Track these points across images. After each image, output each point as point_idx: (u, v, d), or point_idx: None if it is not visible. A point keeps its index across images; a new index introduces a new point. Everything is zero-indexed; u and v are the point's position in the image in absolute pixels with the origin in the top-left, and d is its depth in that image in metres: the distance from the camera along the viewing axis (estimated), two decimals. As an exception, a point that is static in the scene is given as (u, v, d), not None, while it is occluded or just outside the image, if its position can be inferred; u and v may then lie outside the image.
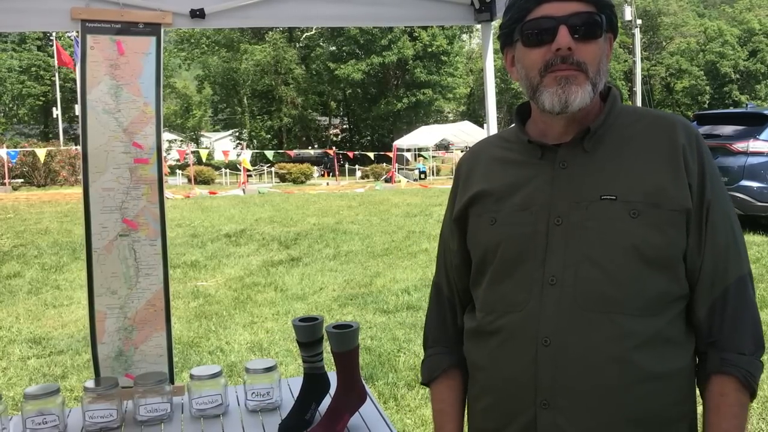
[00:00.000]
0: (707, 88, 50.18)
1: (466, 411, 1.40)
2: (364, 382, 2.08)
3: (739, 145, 9.65)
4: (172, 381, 2.25)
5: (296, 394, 2.08)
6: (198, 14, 2.23)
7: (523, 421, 1.18)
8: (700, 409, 1.23)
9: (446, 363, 1.38)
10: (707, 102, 49.12)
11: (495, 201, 1.26)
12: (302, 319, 2.05)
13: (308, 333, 2.02)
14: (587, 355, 1.14)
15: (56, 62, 32.98)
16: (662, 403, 1.16)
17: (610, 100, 1.26)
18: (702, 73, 50.08)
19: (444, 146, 38.57)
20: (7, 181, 23.76)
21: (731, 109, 19.29)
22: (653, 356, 1.15)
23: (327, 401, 2.06)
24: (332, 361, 2.00)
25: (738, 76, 50.49)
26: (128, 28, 2.18)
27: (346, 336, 1.94)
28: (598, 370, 1.13)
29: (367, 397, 2.06)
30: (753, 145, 9.52)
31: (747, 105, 13.47)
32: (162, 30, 2.21)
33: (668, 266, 1.17)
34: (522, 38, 1.21)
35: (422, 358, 1.46)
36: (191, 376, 2.11)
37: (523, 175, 1.25)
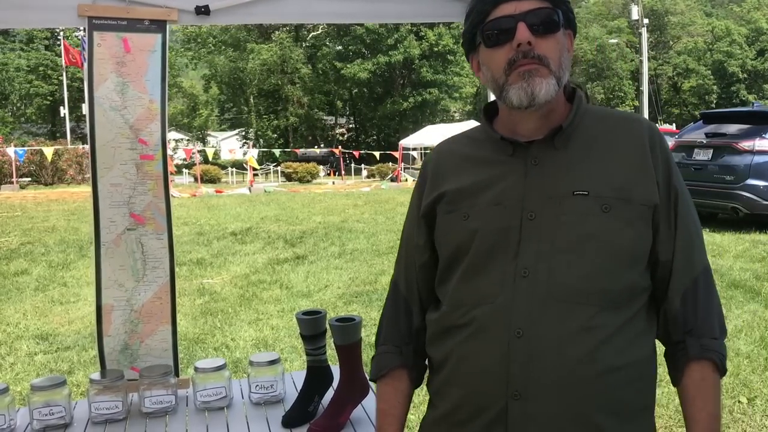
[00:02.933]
0: (714, 87, 49.97)
1: (424, 408, 1.40)
2: (366, 375, 2.10)
3: (746, 144, 9.62)
4: (177, 374, 2.28)
5: (300, 387, 2.10)
6: (203, 11, 2.25)
7: (493, 412, 1.19)
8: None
9: (394, 362, 1.39)
10: (714, 101, 48.92)
11: (468, 197, 1.28)
12: (306, 313, 2.07)
13: (311, 326, 2.04)
14: (559, 346, 1.16)
15: (64, 62, 33.10)
16: (629, 392, 1.20)
17: (576, 100, 1.30)
18: (709, 72, 49.88)
19: (450, 145, 38.43)
20: (14, 179, 23.88)
21: (737, 108, 19.22)
22: (621, 347, 1.18)
23: (330, 394, 2.09)
24: (335, 355, 2.03)
25: (745, 75, 50.27)
26: (134, 25, 2.21)
27: (348, 329, 1.96)
28: (569, 361, 1.15)
29: (370, 390, 2.08)
30: (759, 144, 9.49)
31: (753, 104, 13.42)
32: (167, 27, 2.24)
33: (637, 260, 1.22)
34: (484, 40, 1.25)
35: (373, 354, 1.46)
36: (196, 369, 2.13)
37: (496, 171, 1.27)
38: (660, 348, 1.29)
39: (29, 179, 25.72)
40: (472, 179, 1.29)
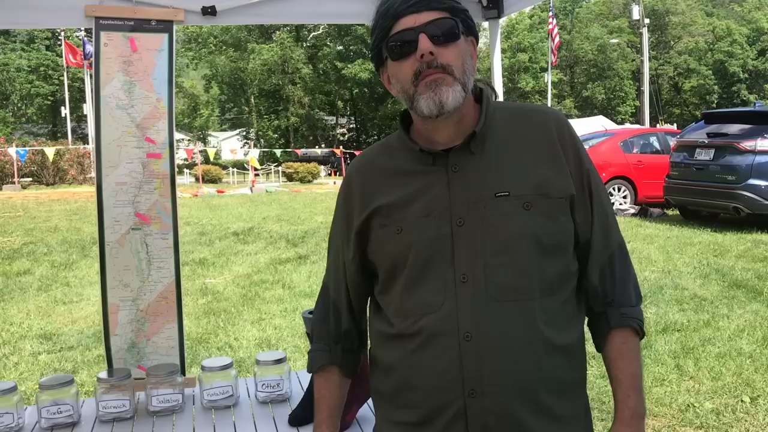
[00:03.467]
0: (715, 87, 49.93)
1: (375, 402, 1.46)
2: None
3: (747, 144, 9.63)
4: (183, 372, 2.28)
5: (306, 386, 2.11)
6: (209, 11, 2.26)
7: (452, 411, 1.25)
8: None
9: (323, 360, 1.46)
10: (715, 101, 48.88)
11: (397, 210, 1.32)
12: (312, 312, 2.07)
13: (318, 325, 2.04)
14: (506, 341, 1.23)
15: (65, 62, 33.13)
16: (566, 370, 1.29)
17: (483, 101, 1.34)
18: (710, 72, 49.84)
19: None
20: (16, 179, 23.90)
21: (739, 108, 19.20)
22: (559, 330, 1.27)
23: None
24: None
25: (746, 75, 50.23)
26: (141, 25, 2.22)
27: (355, 328, 1.96)
28: (516, 352, 1.23)
29: (376, 389, 2.09)
30: (761, 143, 9.50)
31: (755, 104, 13.42)
32: (174, 27, 2.25)
33: (562, 249, 1.29)
34: (389, 53, 1.29)
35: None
36: (202, 368, 2.14)
37: (420, 182, 1.31)
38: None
39: (31, 179, 25.74)
40: (399, 192, 1.33)
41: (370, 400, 2.04)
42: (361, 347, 1.49)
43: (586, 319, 1.39)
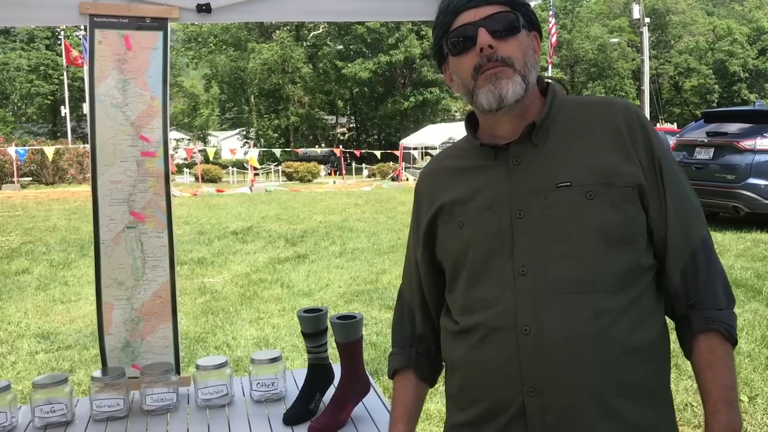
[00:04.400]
0: (716, 86, 49.92)
1: (444, 404, 1.46)
2: (367, 373, 2.10)
3: (747, 143, 9.62)
4: (178, 372, 2.27)
5: (301, 385, 2.10)
6: (204, 9, 2.25)
7: (511, 411, 1.21)
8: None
9: (401, 363, 1.48)
10: (716, 101, 48.85)
11: (460, 206, 1.31)
12: (307, 311, 2.07)
13: (313, 324, 2.04)
14: (566, 336, 1.17)
15: (64, 61, 33.12)
16: (641, 374, 1.20)
17: (549, 93, 1.32)
18: (711, 71, 49.83)
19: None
20: (16, 179, 23.88)
21: (739, 107, 19.18)
22: (629, 329, 1.19)
23: (331, 391, 2.08)
24: (336, 353, 2.02)
25: (747, 74, 50.22)
26: (135, 23, 2.21)
27: (349, 327, 1.96)
28: (579, 350, 1.16)
29: (371, 388, 2.08)
30: (760, 142, 9.49)
31: (755, 103, 13.41)
32: (169, 25, 2.24)
33: (630, 241, 1.22)
34: (449, 49, 1.29)
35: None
36: (197, 367, 2.13)
37: (482, 178, 1.31)
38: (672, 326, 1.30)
39: (30, 179, 25.74)
40: (462, 189, 1.33)
41: (365, 399, 2.04)
42: (439, 353, 1.46)
43: (673, 324, 1.30)
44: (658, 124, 31.61)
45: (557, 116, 1.30)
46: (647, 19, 37.53)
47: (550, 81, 1.35)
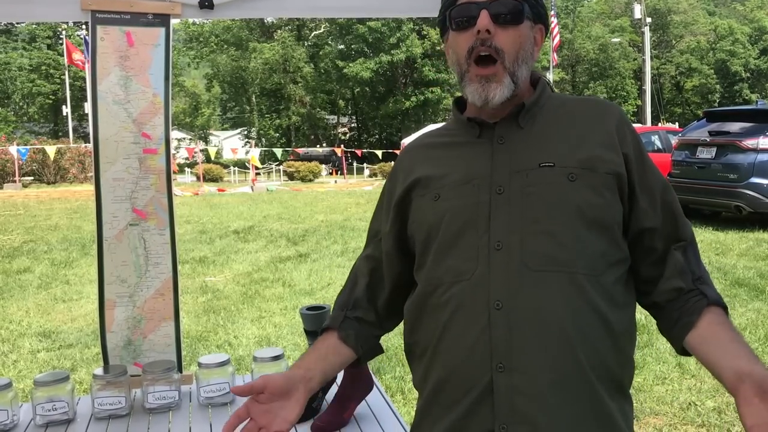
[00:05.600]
0: (717, 86, 49.87)
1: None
2: (371, 372, 2.09)
3: (749, 142, 9.61)
4: (180, 370, 2.26)
5: (303, 382, 2.09)
6: (207, 5, 2.24)
7: (479, 389, 1.17)
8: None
9: (326, 324, 1.43)
10: (717, 101, 48.82)
11: (437, 180, 1.30)
12: (309, 308, 2.06)
13: (315, 321, 2.03)
14: (540, 313, 1.15)
15: (66, 61, 33.13)
16: (612, 359, 1.19)
17: (540, 85, 1.33)
18: (712, 71, 49.78)
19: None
20: (17, 178, 23.89)
21: (741, 106, 19.15)
22: (602, 312, 1.18)
23: (334, 390, 2.07)
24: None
25: (748, 74, 50.18)
26: (137, 19, 2.20)
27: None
28: (552, 326, 1.15)
29: (374, 386, 2.07)
30: (763, 142, 9.49)
31: (757, 102, 13.39)
32: (171, 21, 2.23)
33: (606, 227, 1.21)
34: (450, 24, 1.29)
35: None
36: (199, 365, 2.12)
37: (464, 153, 1.30)
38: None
39: (32, 178, 25.76)
40: (442, 163, 1.32)
41: (368, 398, 2.03)
42: (374, 327, 1.41)
43: (664, 311, 1.26)
44: (659, 124, 31.58)
45: (545, 106, 1.31)
46: (649, 19, 37.49)
47: (541, 77, 1.36)
